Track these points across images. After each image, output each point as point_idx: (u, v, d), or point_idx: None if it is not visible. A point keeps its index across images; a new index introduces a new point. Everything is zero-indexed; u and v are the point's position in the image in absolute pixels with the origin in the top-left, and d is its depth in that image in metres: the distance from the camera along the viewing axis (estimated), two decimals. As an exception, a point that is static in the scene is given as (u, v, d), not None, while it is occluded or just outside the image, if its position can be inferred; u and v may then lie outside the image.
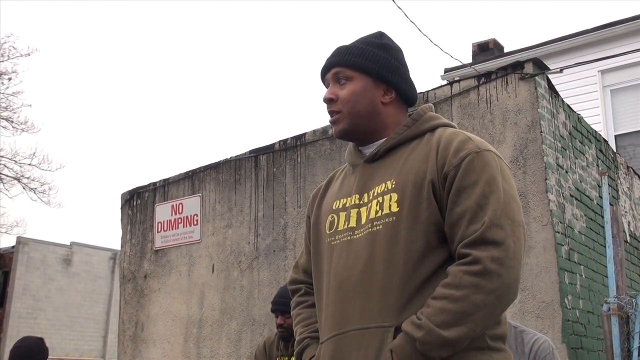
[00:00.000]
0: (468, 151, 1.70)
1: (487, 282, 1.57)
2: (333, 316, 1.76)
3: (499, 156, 1.76)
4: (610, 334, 4.53)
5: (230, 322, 6.44)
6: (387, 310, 1.66)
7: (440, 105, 5.39)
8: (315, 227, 1.95)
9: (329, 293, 1.79)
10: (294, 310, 2.02)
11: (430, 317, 1.57)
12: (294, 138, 6.41)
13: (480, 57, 11.86)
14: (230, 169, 6.82)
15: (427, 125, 1.85)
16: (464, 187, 1.66)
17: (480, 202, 1.64)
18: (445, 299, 1.58)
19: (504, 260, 1.58)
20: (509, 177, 1.72)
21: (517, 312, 4.64)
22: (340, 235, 1.81)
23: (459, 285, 1.58)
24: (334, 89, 1.89)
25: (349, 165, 1.96)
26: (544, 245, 4.65)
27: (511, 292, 1.61)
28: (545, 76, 5.12)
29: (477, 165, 1.68)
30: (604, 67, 9.98)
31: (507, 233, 1.61)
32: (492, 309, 1.59)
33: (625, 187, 6.69)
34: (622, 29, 10.33)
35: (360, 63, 1.87)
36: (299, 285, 2.04)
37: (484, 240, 1.60)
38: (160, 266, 7.17)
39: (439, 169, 1.71)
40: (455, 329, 1.56)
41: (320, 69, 1.96)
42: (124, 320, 7.40)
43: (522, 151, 4.88)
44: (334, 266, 1.78)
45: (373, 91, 1.87)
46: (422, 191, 1.70)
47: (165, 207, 7.25)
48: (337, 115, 1.88)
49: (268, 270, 6.25)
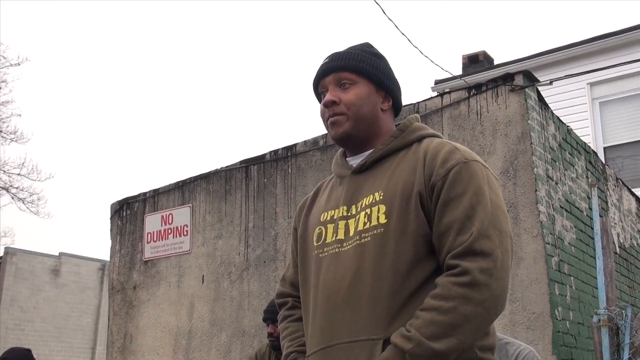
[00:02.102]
0: (455, 162, 1.70)
1: (476, 294, 1.56)
2: (321, 329, 1.75)
3: (486, 166, 1.76)
4: (601, 345, 4.53)
5: (220, 333, 6.40)
6: (376, 322, 1.65)
7: (431, 116, 5.40)
8: (303, 239, 1.94)
9: (317, 306, 1.78)
10: (281, 324, 2.00)
11: (419, 329, 1.56)
12: (284, 149, 6.40)
13: (470, 69, 11.93)
14: (220, 180, 6.80)
15: (413, 135, 1.85)
16: (451, 199, 1.66)
17: (468, 213, 1.64)
18: (434, 311, 1.57)
19: (492, 271, 1.58)
20: (495, 188, 1.73)
21: (507, 324, 4.64)
22: (328, 247, 1.80)
23: (448, 296, 1.57)
24: (336, 92, 1.86)
25: (336, 177, 1.95)
26: (534, 257, 4.66)
27: (499, 303, 1.61)
28: (535, 88, 5.15)
29: (465, 176, 1.68)
30: (593, 79, 10.06)
31: (495, 244, 1.61)
32: (481, 320, 1.58)
33: (614, 198, 6.72)
34: (611, 42, 10.43)
35: (364, 68, 1.87)
36: (286, 298, 2.03)
37: (472, 251, 1.60)
38: (150, 277, 7.13)
39: (427, 180, 1.71)
40: (445, 341, 1.54)
41: (317, 74, 1.92)
42: (113, 331, 7.34)
43: (512, 162, 4.90)
44: (322, 279, 1.77)
45: (375, 97, 1.88)
46: (409, 203, 1.70)
47: (155, 218, 7.22)
48: (339, 117, 1.84)
49: (258, 281, 6.22)
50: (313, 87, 1.96)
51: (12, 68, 27.09)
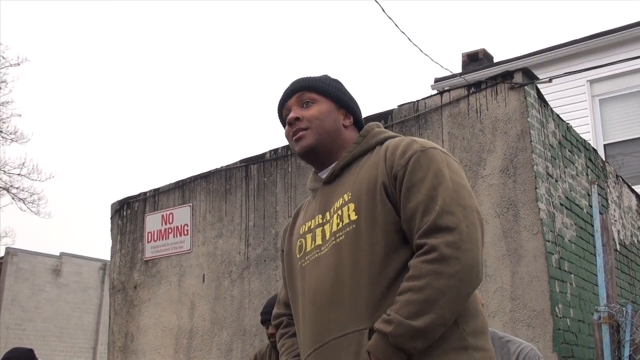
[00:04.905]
0: (413, 151, 1.77)
1: (446, 267, 1.59)
2: (311, 332, 1.80)
3: (446, 153, 1.82)
4: (601, 342, 4.53)
5: (221, 332, 6.40)
6: (360, 314, 1.69)
7: (431, 114, 5.40)
8: (288, 256, 2.01)
9: (305, 311, 1.83)
10: (279, 342, 2.09)
11: (398, 311, 1.60)
12: (284, 147, 6.40)
13: (470, 67, 11.92)
14: (220, 179, 6.80)
15: (375, 139, 1.94)
16: (413, 184, 1.72)
17: (430, 194, 1.69)
18: (409, 292, 1.61)
19: (459, 244, 1.61)
20: (456, 169, 1.77)
21: (508, 321, 4.64)
22: (309, 255, 1.87)
23: (419, 275, 1.61)
24: (298, 110, 1.97)
25: (311, 192, 2.04)
26: (535, 254, 4.66)
27: (473, 273, 1.63)
28: (534, 86, 5.15)
29: (423, 162, 1.74)
30: (592, 76, 10.06)
31: (459, 218, 1.65)
32: (456, 292, 1.60)
33: (614, 195, 6.72)
34: (610, 39, 10.42)
35: (324, 88, 1.99)
36: (280, 318, 2.10)
37: (437, 227, 1.64)
38: (150, 276, 7.13)
39: (389, 171, 1.77)
40: (424, 318, 1.58)
41: (280, 100, 2.03)
42: (114, 331, 7.35)
43: (512, 160, 4.90)
44: (307, 285, 1.83)
45: (336, 114, 1.99)
46: (375, 195, 1.76)
47: (155, 217, 7.22)
48: (303, 131, 1.94)
49: (259, 280, 6.23)
50: (278, 113, 2.07)
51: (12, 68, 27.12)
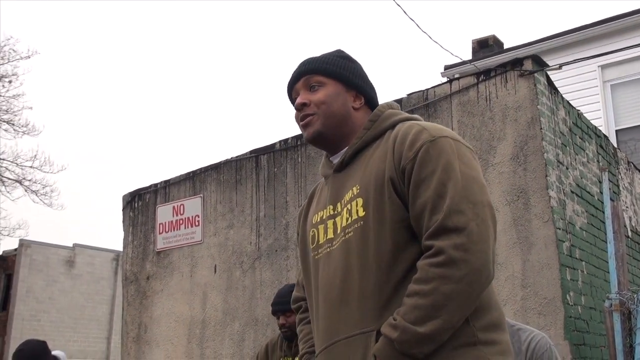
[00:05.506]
0: (422, 142, 1.68)
1: (454, 271, 1.54)
2: (323, 329, 1.79)
3: (457, 139, 1.73)
4: (613, 329, 4.53)
5: (233, 322, 6.44)
6: (367, 315, 1.67)
7: (440, 103, 5.39)
8: (302, 243, 1.99)
9: (318, 307, 1.82)
10: (297, 327, 2.08)
11: (404, 315, 1.56)
12: (294, 137, 6.41)
13: (480, 53, 11.84)
14: (231, 170, 6.82)
15: (386, 123, 1.85)
16: (422, 179, 1.65)
17: (438, 191, 1.62)
18: (416, 295, 1.56)
19: (467, 246, 1.55)
20: (468, 160, 1.69)
21: (519, 309, 4.64)
22: (322, 248, 1.84)
23: (426, 279, 1.56)
24: (306, 95, 1.91)
25: (324, 178, 1.99)
26: (545, 242, 4.65)
27: (483, 276, 1.57)
28: (544, 73, 5.12)
29: (433, 154, 1.66)
30: (603, 62, 9.97)
31: (469, 217, 1.58)
32: (465, 296, 1.55)
33: (626, 182, 6.69)
34: (621, 24, 10.32)
35: (332, 70, 1.92)
36: (300, 302, 2.10)
37: (445, 229, 1.58)
38: (163, 267, 7.18)
39: (397, 165, 1.70)
40: (430, 324, 1.53)
41: (288, 82, 1.98)
42: (127, 321, 7.41)
43: (523, 148, 4.88)
44: (320, 280, 1.82)
45: (345, 96, 1.91)
46: (383, 190, 1.70)
47: (166, 209, 7.26)
48: (310, 117, 1.89)
49: (270, 270, 6.25)
50: (287, 95, 2.01)
51: (23, 61, 27.24)
